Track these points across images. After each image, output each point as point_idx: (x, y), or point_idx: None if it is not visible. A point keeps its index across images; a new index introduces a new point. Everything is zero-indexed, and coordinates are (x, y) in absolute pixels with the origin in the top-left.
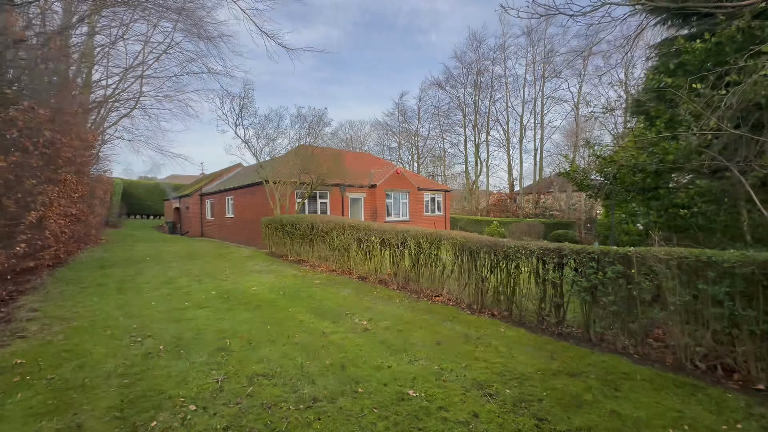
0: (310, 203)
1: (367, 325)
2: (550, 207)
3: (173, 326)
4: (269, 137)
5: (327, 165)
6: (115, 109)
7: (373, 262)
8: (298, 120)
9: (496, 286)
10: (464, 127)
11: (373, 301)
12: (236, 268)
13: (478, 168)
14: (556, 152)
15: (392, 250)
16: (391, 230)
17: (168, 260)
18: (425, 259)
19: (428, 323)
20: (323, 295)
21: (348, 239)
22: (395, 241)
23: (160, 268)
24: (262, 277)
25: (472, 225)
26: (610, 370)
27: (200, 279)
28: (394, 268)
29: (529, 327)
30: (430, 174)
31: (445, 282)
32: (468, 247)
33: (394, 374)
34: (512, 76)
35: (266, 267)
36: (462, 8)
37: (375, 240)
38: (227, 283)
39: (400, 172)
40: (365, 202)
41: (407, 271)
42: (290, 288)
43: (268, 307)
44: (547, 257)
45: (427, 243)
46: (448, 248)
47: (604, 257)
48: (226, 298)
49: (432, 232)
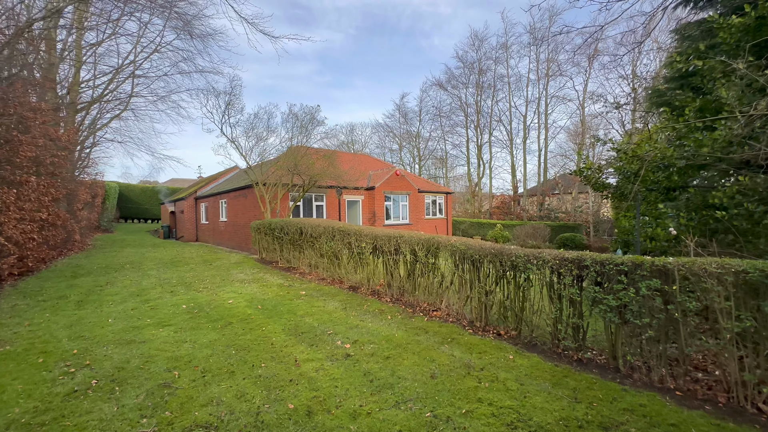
0: (305, 206)
1: (350, 349)
2: (556, 209)
3: (121, 351)
4: (258, 136)
5: (320, 165)
6: (106, 110)
7: (365, 271)
8: (290, 118)
9: (502, 301)
10: (466, 128)
11: (361, 316)
12: (219, 276)
13: (481, 170)
14: (560, 153)
15: (385, 258)
16: (384, 236)
17: (148, 268)
18: (421, 268)
19: (422, 346)
20: (306, 310)
21: (338, 245)
22: (388, 248)
23: (136, 277)
24: (244, 287)
25: (475, 228)
26: (654, 419)
27: (175, 290)
28: (388, 278)
29: (543, 351)
30: (432, 176)
31: (444, 294)
32: (469, 256)
33: (373, 425)
34: (515, 76)
35: (252, 275)
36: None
37: (366, 247)
38: (203, 294)
39: (399, 174)
40: (363, 204)
41: (402, 281)
42: (271, 301)
43: (239, 325)
44: (563, 269)
45: (422, 250)
46: (447, 256)
47: (637, 270)
48: (195, 314)
49: (428, 239)
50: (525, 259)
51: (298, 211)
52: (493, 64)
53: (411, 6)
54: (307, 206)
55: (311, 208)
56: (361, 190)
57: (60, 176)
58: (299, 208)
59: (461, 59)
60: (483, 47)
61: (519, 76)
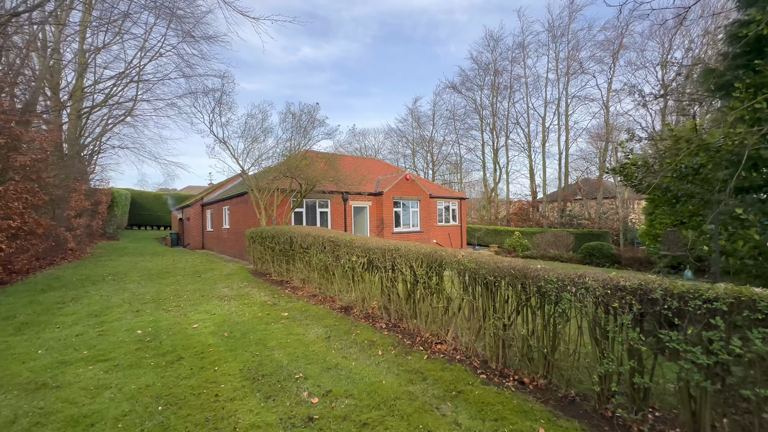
0: (308, 213)
1: (317, 406)
2: (578, 215)
3: (18, 402)
4: (254, 137)
5: (319, 168)
6: (110, 116)
7: (359, 289)
8: (287, 118)
9: (526, 336)
10: (481, 132)
11: (346, 350)
12: (201, 291)
13: (497, 174)
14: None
15: (381, 275)
16: (378, 248)
17: (131, 280)
18: (422, 290)
19: (416, 405)
20: (281, 339)
21: (328, 259)
22: (382, 263)
23: (109, 292)
24: (222, 305)
25: (492, 235)
26: None
27: (143, 308)
28: (384, 300)
29: (586, 414)
30: (446, 182)
31: (451, 323)
32: (481, 276)
33: None
34: (532, 76)
35: (237, 290)
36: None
37: (357, 261)
38: (170, 315)
39: (409, 178)
40: (371, 211)
41: (400, 304)
42: (244, 325)
43: (189, 362)
44: (617, 301)
45: (422, 268)
46: (454, 276)
47: (743, 310)
48: (145, 344)
49: (429, 253)
50: (558, 284)
51: (301, 218)
52: (509, 65)
53: (427, 14)
54: (311, 213)
55: (315, 215)
56: (368, 196)
57: (39, 181)
58: (302, 216)
59: (476, 60)
60: (498, 47)
61: (537, 76)
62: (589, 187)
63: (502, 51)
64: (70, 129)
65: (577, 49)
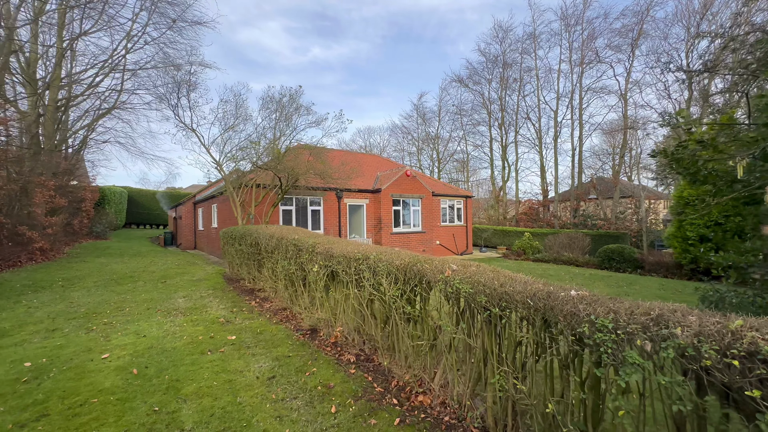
0: (299, 212)
1: None
2: (593, 215)
3: None
4: (227, 124)
5: (303, 161)
6: (93, 109)
7: (328, 307)
8: (269, 105)
9: (545, 396)
10: (489, 127)
11: (288, 402)
12: (151, 302)
13: (506, 172)
14: (598, 152)
15: (348, 291)
16: (342, 256)
17: (81, 287)
18: (396, 317)
19: None
20: (205, 381)
21: (291, 266)
22: (348, 276)
23: (43, 302)
24: (162, 324)
25: (499, 236)
26: None
27: (61, 327)
28: (357, 322)
29: None
30: (452, 180)
31: (439, 361)
32: (480, 303)
33: None
34: (544, 68)
35: (196, 301)
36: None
37: (319, 272)
38: (85, 338)
39: (410, 174)
40: (368, 209)
41: (374, 331)
42: (171, 355)
43: (50, 426)
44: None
45: (395, 285)
46: (443, 300)
47: None
48: (17, 386)
49: (406, 265)
50: (617, 334)
51: (290, 217)
52: (519, 57)
53: (437, 14)
54: (302, 212)
55: (306, 213)
56: (365, 193)
57: None
58: (291, 214)
59: (483, 53)
60: (508, 38)
61: (548, 68)
62: (605, 185)
63: (511, 42)
64: (47, 121)
65: (593, 37)
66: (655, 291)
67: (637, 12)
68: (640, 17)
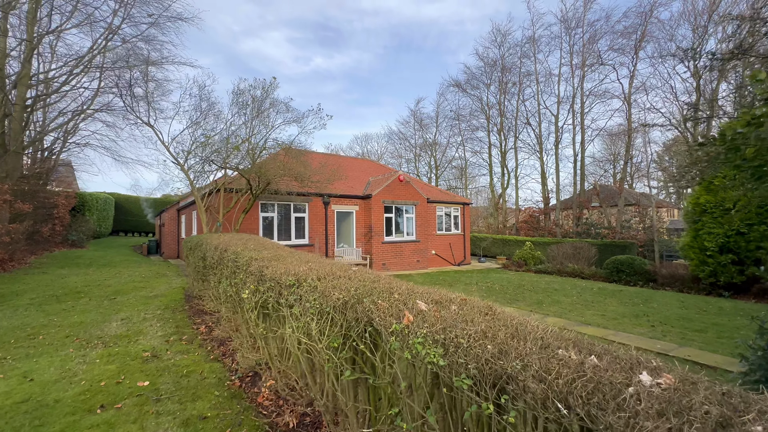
0: (281, 219)
1: None
2: (596, 224)
3: None
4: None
5: (278, 161)
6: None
7: (262, 347)
8: (240, 97)
9: None
10: (488, 133)
11: None
12: (76, 327)
13: (506, 179)
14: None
15: (287, 327)
16: (273, 278)
17: (14, 305)
18: (336, 375)
19: None
20: None
21: (230, 288)
22: (281, 306)
23: None
24: (68, 360)
25: (499, 246)
26: None
27: None
28: (302, 369)
29: None
30: (451, 188)
31: None
32: (458, 387)
33: None
34: (544, 72)
35: (133, 326)
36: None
37: (250, 298)
38: None
39: (403, 179)
40: (357, 216)
41: (331, 386)
42: (45, 413)
43: None
44: None
45: (331, 329)
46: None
47: None
48: None
49: (347, 299)
50: None
51: (271, 226)
52: (518, 60)
53: (437, 25)
54: (284, 219)
55: (289, 221)
56: (354, 199)
57: None
58: (272, 222)
59: (482, 57)
60: (506, 42)
61: (549, 72)
62: (608, 192)
63: (510, 46)
64: (14, 121)
65: (594, 40)
66: (676, 310)
67: (641, 13)
68: (644, 18)
